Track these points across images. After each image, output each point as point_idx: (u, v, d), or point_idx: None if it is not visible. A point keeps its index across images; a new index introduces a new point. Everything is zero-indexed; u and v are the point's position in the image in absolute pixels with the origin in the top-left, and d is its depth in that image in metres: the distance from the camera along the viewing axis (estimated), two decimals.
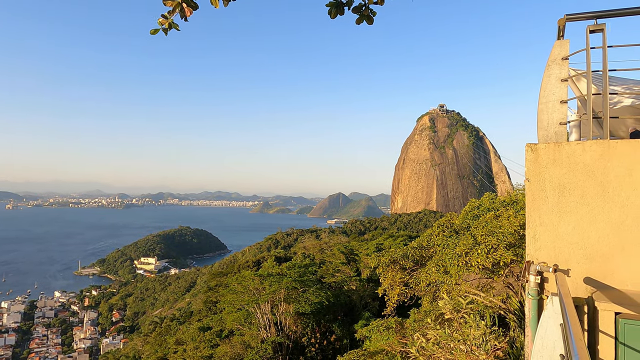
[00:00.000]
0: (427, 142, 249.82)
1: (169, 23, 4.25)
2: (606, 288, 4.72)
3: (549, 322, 4.32)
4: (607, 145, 4.82)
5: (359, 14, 4.50)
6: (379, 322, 17.72)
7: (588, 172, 4.87)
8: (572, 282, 4.84)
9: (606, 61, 5.06)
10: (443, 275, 11.59)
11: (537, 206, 5.07)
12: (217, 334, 29.15)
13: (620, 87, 6.58)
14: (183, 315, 61.32)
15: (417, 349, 10.28)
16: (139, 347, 51.45)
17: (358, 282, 31.05)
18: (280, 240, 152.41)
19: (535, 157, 5.13)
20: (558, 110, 5.37)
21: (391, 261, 15.21)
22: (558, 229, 4.96)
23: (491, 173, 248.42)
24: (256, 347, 23.32)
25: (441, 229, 14.62)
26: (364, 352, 16.44)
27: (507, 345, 9.85)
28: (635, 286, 4.65)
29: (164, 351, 35.96)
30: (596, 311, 4.47)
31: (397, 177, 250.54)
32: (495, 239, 10.30)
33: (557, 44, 5.46)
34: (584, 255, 4.84)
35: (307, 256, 48.56)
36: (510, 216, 11.19)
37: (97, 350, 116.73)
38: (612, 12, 5.19)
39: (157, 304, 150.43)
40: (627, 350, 4.23)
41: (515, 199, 15.40)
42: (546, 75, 5.43)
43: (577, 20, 5.41)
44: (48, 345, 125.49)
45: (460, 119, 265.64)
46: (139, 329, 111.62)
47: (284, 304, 25.32)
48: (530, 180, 5.14)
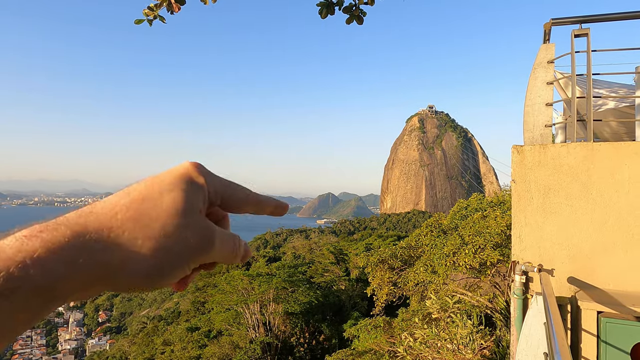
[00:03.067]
0: (416, 143, 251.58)
1: (154, 15, 4.22)
2: (589, 287, 4.81)
3: (533, 321, 4.39)
4: (591, 148, 4.91)
5: (350, 14, 4.52)
6: (368, 321, 17.80)
7: (572, 173, 4.96)
8: (556, 281, 4.93)
9: (590, 65, 5.16)
10: (431, 275, 11.69)
11: (522, 207, 5.15)
12: (205, 335, 28.95)
13: (605, 90, 6.72)
14: (171, 316, 60.78)
15: (405, 348, 10.36)
16: (126, 348, 50.83)
17: (347, 281, 31.14)
18: (270, 240, 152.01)
19: (521, 158, 5.21)
20: (544, 112, 5.46)
21: (380, 261, 15.29)
22: (543, 229, 5.05)
23: (479, 174, 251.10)
24: (245, 348, 23.22)
25: (429, 229, 14.74)
26: (353, 352, 16.49)
27: (494, 344, 9.98)
28: (617, 285, 4.76)
29: (151, 352, 35.59)
30: (579, 310, 4.56)
31: (387, 178, 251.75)
32: (482, 239, 10.43)
33: (543, 47, 5.55)
34: (568, 255, 4.94)
35: (296, 256, 48.51)
36: (497, 217, 11.33)
37: (82, 352, 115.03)
38: (596, 18, 5.30)
39: (144, 304, 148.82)
40: (608, 348, 4.32)
41: (502, 199, 15.60)
42: (532, 78, 5.52)
43: (562, 24, 5.51)
44: (32, 346, 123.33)
45: (449, 120, 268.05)
46: (126, 330, 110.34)
47: (272, 303, 25.27)
48: (516, 181, 5.22)
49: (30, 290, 0.37)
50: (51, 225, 0.40)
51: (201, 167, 0.50)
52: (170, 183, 0.46)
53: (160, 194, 0.45)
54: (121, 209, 0.44)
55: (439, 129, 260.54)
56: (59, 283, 0.39)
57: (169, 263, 0.44)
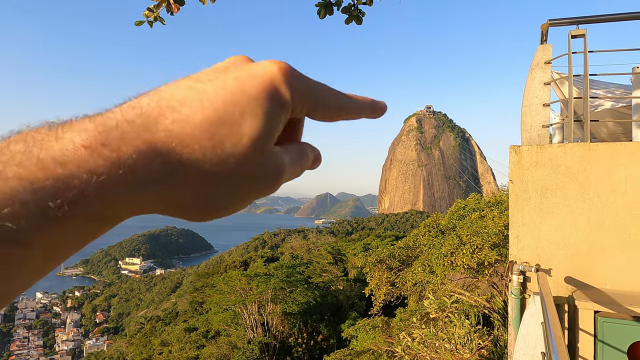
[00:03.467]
0: (414, 143, 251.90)
1: (154, 16, 4.22)
2: (586, 287, 4.83)
3: (530, 321, 4.41)
4: (588, 148, 4.93)
5: (348, 14, 4.52)
6: (366, 321, 17.82)
7: (569, 173, 4.98)
8: (553, 281, 4.95)
9: (587, 65, 5.18)
10: (429, 275, 11.72)
11: (520, 207, 5.17)
12: (203, 335, 28.93)
13: (602, 90, 6.75)
14: (168, 316, 60.67)
15: (403, 348, 10.37)
16: (123, 348, 50.70)
17: (345, 282, 31.15)
18: (268, 240, 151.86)
19: (518, 158, 5.23)
20: (541, 113, 5.48)
21: (378, 261, 15.32)
22: (540, 229, 5.07)
23: (477, 174, 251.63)
24: (243, 348, 23.21)
25: (427, 229, 14.77)
26: (351, 352, 16.50)
27: (491, 343, 10.01)
28: (613, 285, 4.78)
29: (148, 352, 35.51)
30: (576, 310, 4.58)
31: (385, 178, 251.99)
32: (480, 239, 10.46)
33: (540, 48, 5.57)
34: (565, 255, 4.95)
35: (294, 256, 48.49)
36: (495, 217, 11.37)
37: (80, 352, 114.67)
38: (593, 18, 5.32)
39: (142, 305, 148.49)
40: (605, 347, 4.34)
41: (500, 199, 15.64)
42: (529, 79, 5.54)
43: (559, 25, 5.54)
44: (29, 347, 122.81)
45: (446, 120, 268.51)
46: (124, 331, 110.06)
47: (271, 304, 25.26)
48: (513, 181, 5.24)
49: (87, 217, 0.33)
50: (112, 136, 0.34)
51: (290, 73, 0.41)
52: (252, 101, 0.38)
53: (240, 118, 0.38)
54: (194, 131, 0.36)
55: (437, 129, 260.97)
56: (121, 210, 0.35)
57: (236, 197, 0.40)
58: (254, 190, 0.41)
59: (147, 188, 0.35)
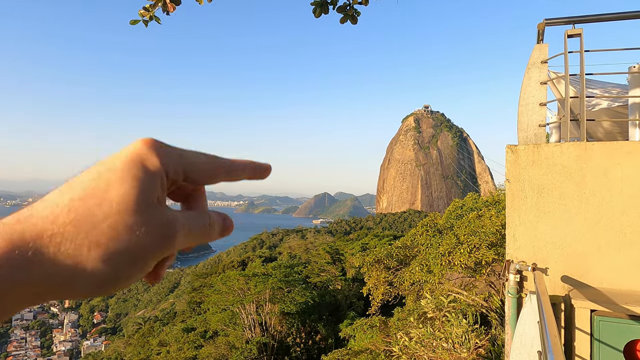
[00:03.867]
0: (412, 143, 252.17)
1: (150, 15, 4.20)
2: (582, 286, 4.84)
3: (527, 320, 4.41)
4: (584, 147, 4.94)
5: (344, 14, 4.51)
6: (364, 321, 17.83)
7: (565, 173, 4.99)
8: (550, 280, 4.96)
9: (583, 65, 5.19)
10: (426, 275, 11.73)
11: (516, 206, 5.17)
12: (202, 335, 28.88)
13: (598, 90, 6.76)
14: (166, 317, 60.60)
15: (401, 347, 10.38)
16: (121, 349, 50.58)
17: (343, 281, 31.15)
18: (266, 240, 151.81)
19: (515, 158, 5.23)
20: (537, 112, 5.48)
21: (376, 261, 15.32)
22: (537, 228, 5.07)
23: (474, 173, 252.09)
24: (241, 348, 23.18)
25: (425, 228, 14.79)
26: (349, 351, 16.50)
27: (489, 342, 10.02)
28: (609, 284, 4.79)
29: (146, 353, 35.45)
30: (573, 309, 4.59)
31: (382, 177, 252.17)
32: (477, 239, 10.47)
33: (536, 47, 5.57)
34: (562, 254, 4.96)
35: (292, 256, 48.50)
36: (492, 216, 11.38)
37: (77, 353, 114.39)
38: (589, 18, 5.33)
39: (140, 305, 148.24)
40: (601, 346, 4.35)
41: (497, 199, 15.67)
42: (526, 78, 5.55)
43: (555, 25, 5.54)
44: (26, 348, 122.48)
45: (444, 120, 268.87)
46: (121, 331, 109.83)
47: (269, 304, 25.24)
48: (510, 181, 5.24)
49: None
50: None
51: (155, 144, 0.42)
52: (119, 172, 0.39)
53: (107, 188, 0.38)
54: (62, 210, 0.37)
55: (435, 128, 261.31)
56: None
57: (124, 268, 0.38)
58: (142, 254, 0.40)
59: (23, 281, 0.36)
